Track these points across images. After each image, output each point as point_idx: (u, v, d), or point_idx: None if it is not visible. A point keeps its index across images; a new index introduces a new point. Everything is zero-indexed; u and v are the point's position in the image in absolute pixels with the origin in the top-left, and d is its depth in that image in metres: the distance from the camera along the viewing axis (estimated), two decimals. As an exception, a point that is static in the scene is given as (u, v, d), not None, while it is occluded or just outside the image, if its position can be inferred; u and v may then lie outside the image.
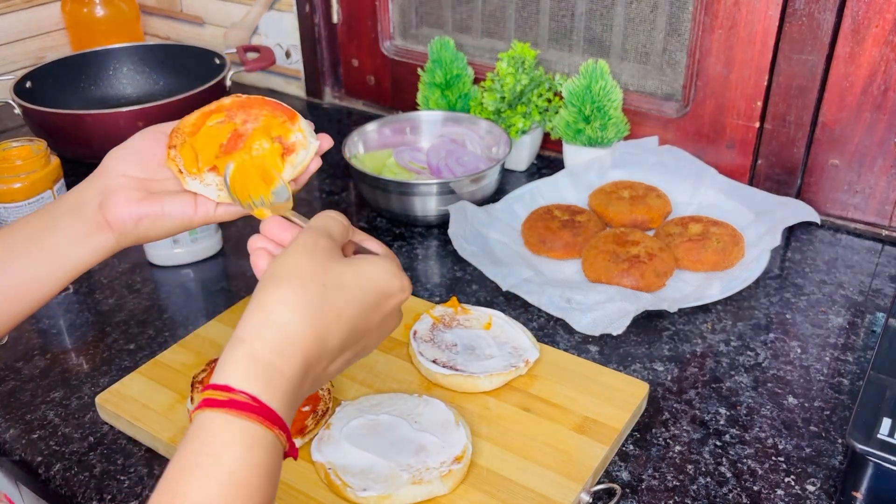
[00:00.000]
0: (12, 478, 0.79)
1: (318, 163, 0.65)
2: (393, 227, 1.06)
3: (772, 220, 0.96)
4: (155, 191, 0.62)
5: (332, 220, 0.55)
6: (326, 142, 0.65)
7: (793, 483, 0.67)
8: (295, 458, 0.48)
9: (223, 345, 0.80)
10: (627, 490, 0.66)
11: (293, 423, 0.68)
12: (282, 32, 1.44)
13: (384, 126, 1.17)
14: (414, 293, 0.91)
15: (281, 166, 0.63)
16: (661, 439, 0.71)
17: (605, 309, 0.84)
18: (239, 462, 0.43)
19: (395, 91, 1.37)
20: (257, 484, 0.43)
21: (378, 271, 0.53)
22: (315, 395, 0.72)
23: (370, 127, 1.16)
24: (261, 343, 0.46)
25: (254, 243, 0.56)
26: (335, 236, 0.54)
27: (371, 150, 1.15)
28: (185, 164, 0.62)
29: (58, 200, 0.63)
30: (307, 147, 0.64)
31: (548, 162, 1.22)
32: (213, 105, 0.66)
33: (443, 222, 1.04)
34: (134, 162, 0.63)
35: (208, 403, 0.44)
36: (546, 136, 1.20)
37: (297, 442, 0.67)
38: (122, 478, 0.69)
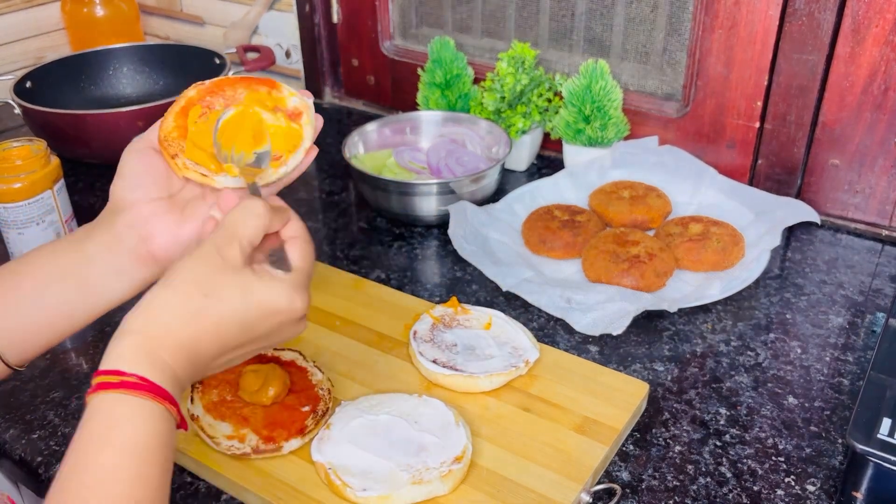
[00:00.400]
0: (12, 478, 0.79)
1: (320, 120, 0.67)
2: (393, 227, 1.06)
3: (772, 220, 0.96)
4: (181, 204, 0.63)
5: (247, 217, 0.55)
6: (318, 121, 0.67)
7: (793, 483, 0.67)
8: (185, 430, 0.52)
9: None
10: (627, 490, 0.66)
11: (293, 423, 0.68)
12: (282, 32, 1.44)
13: (384, 126, 1.17)
14: (414, 293, 0.91)
15: (299, 135, 0.62)
16: (661, 439, 0.71)
17: (605, 309, 0.84)
18: (139, 432, 0.48)
19: (395, 91, 1.37)
20: (158, 452, 0.48)
21: (267, 292, 0.54)
22: (315, 395, 0.72)
23: (370, 127, 1.16)
24: (144, 337, 0.50)
25: (210, 211, 0.59)
26: (245, 236, 0.54)
27: (371, 150, 1.15)
28: (204, 165, 0.61)
29: (85, 235, 0.62)
30: (309, 107, 0.64)
31: (548, 162, 1.22)
32: (182, 101, 0.64)
33: (443, 222, 1.04)
34: (146, 185, 0.63)
35: (102, 386, 0.48)
36: (546, 136, 1.20)
37: (297, 442, 0.67)
38: (121, 478, 0.68)
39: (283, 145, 0.64)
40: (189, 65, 1.40)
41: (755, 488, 0.66)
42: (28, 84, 1.28)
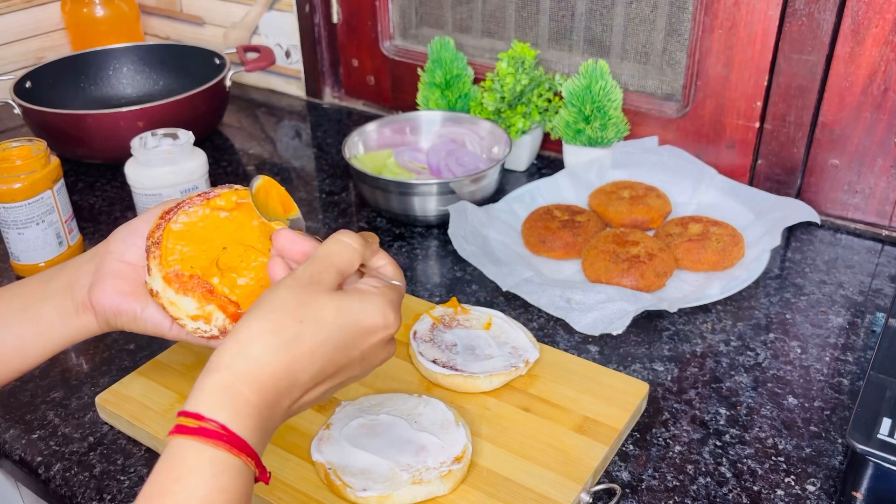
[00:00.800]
0: (12, 478, 0.79)
1: None
2: (393, 227, 1.06)
3: (772, 220, 0.96)
4: (143, 290, 0.63)
5: (341, 247, 0.55)
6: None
7: (793, 483, 0.67)
8: (266, 483, 0.49)
9: (223, 345, 0.80)
10: (627, 490, 0.66)
11: None
12: (282, 32, 1.44)
13: (384, 126, 1.17)
14: (414, 293, 0.91)
15: None
16: (661, 439, 0.71)
17: (605, 309, 0.84)
18: (207, 487, 0.45)
19: (395, 91, 1.37)
20: None
21: (361, 309, 0.53)
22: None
23: (370, 127, 1.16)
24: (231, 374, 0.48)
25: (272, 250, 0.58)
26: (340, 266, 0.54)
27: (371, 150, 1.15)
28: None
29: (57, 271, 0.64)
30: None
31: (548, 162, 1.22)
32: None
33: (443, 222, 1.04)
34: (135, 245, 0.64)
35: (180, 430, 0.46)
36: (546, 136, 1.20)
37: None
38: (122, 478, 0.69)
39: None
40: (189, 65, 1.40)
41: (755, 488, 0.66)
42: (28, 84, 1.28)
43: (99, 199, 1.16)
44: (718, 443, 0.71)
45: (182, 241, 0.62)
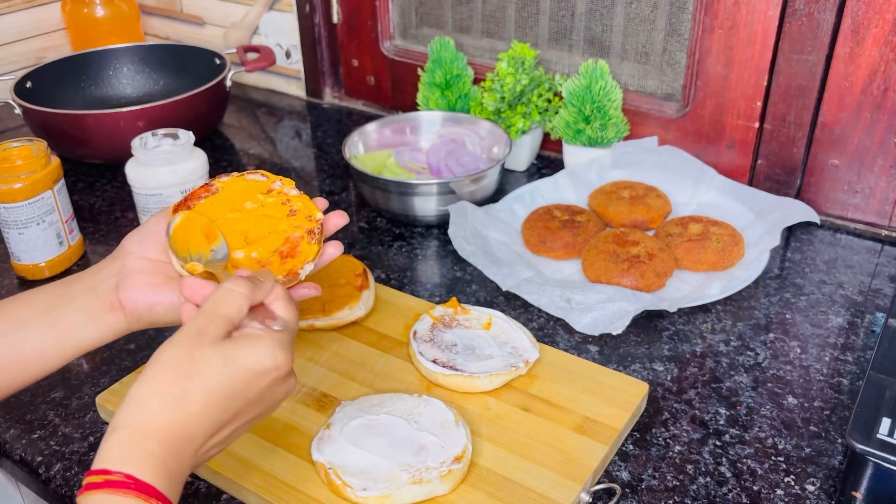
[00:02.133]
0: (13, 478, 0.79)
1: (343, 217, 0.67)
2: (393, 227, 1.06)
3: (771, 220, 0.96)
4: (172, 275, 0.63)
5: (226, 295, 0.55)
6: (341, 218, 0.67)
7: (793, 483, 0.67)
8: None
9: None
10: (627, 490, 0.66)
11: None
12: (282, 32, 1.44)
13: (384, 126, 1.17)
14: (414, 293, 0.91)
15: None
16: (660, 439, 0.71)
17: (605, 309, 0.84)
18: None
19: (395, 91, 1.37)
20: None
21: (248, 354, 0.53)
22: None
23: (370, 127, 1.16)
24: (132, 430, 0.50)
25: (181, 297, 0.60)
26: (227, 314, 0.54)
27: (371, 150, 1.15)
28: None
29: (76, 277, 0.65)
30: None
31: (548, 162, 1.22)
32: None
33: (443, 222, 1.04)
34: (151, 243, 0.64)
35: (89, 487, 0.48)
36: (546, 136, 1.20)
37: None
38: (122, 478, 0.69)
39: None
40: (189, 65, 1.40)
41: (755, 488, 0.66)
42: (28, 84, 1.28)
43: (99, 199, 1.16)
44: (718, 443, 0.71)
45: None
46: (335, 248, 0.65)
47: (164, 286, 0.63)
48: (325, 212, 0.67)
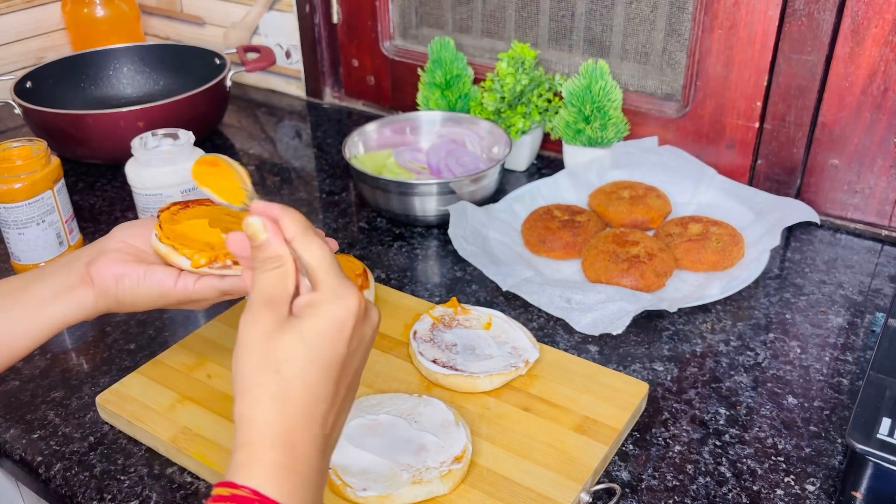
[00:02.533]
0: (12, 478, 0.79)
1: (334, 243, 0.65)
2: (393, 227, 1.06)
3: (771, 220, 0.96)
4: (147, 260, 0.64)
5: (267, 276, 0.53)
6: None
7: (792, 483, 0.67)
8: None
9: (223, 345, 0.81)
10: (627, 490, 0.66)
11: None
12: (282, 32, 1.44)
13: (384, 126, 1.17)
14: (414, 293, 0.91)
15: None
16: (660, 439, 0.71)
17: (605, 309, 0.84)
18: None
19: (395, 91, 1.37)
20: None
21: (319, 320, 0.51)
22: None
23: (370, 127, 1.16)
24: (253, 446, 0.49)
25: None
26: (275, 294, 0.52)
27: (371, 150, 1.15)
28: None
29: (54, 260, 0.65)
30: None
31: (548, 162, 1.22)
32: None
33: (443, 222, 1.04)
34: (137, 233, 0.66)
35: (216, 499, 0.47)
36: (546, 136, 1.20)
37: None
38: (122, 478, 0.69)
39: None
40: (189, 65, 1.40)
41: (755, 488, 0.66)
42: (28, 84, 1.28)
43: (99, 199, 1.16)
44: (718, 442, 0.71)
45: (194, 217, 0.66)
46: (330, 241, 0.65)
47: (134, 262, 0.63)
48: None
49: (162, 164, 0.96)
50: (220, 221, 0.66)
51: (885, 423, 0.61)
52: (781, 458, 0.69)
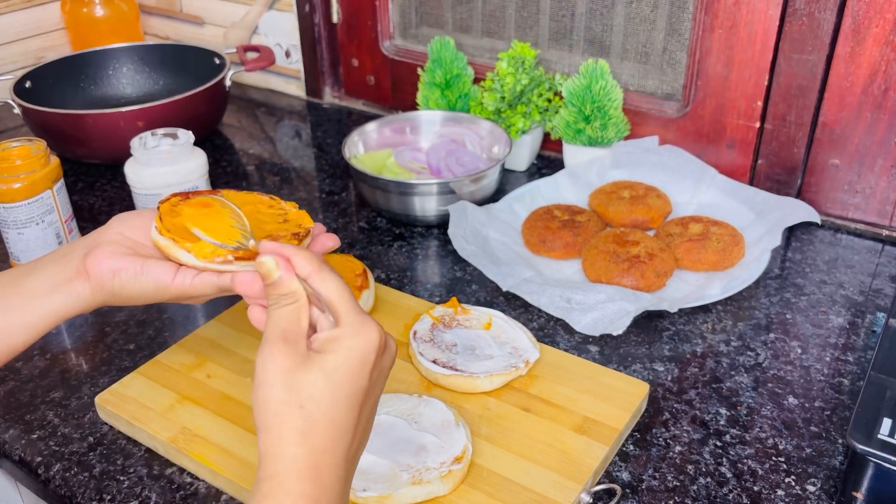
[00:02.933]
0: (12, 478, 0.79)
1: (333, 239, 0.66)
2: (393, 227, 1.06)
3: (772, 220, 0.96)
4: (143, 252, 0.64)
5: (282, 312, 0.53)
6: (331, 241, 0.66)
7: (793, 483, 0.67)
8: None
9: (223, 345, 0.80)
10: (627, 490, 0.66)
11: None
12: (282, 32, 1.44)
13: (384, 126, 1.17)
14: (414, 293, 0.91)
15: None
16: (661, 439, 0.71)
17: (606, 309, 0.84)
18: None
19: (395, 91, 1.37)
20: None
21: (342, 357, 0.52)
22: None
23: (370, 127, 1.16)
24: (278, 479, 0.49)
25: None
26: (291, 330, 0.53)
27: (371, 150, 1.15)
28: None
29: (53, 250, 0.65)
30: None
31: (548, 162, 1.22)
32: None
33: (443, 222, 1.04)
34: (135, 225, 0.65)
35: None
36: (546, 136, 1.20)
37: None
38: (121, 478, 0.69)
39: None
40: (189, 65, 1.40)
41: (755, 488, 0.66)
42: (28, 84, 1.28)
43: (99, 199, 1.16)
44: (719, 443, 0.71)
45: (194, 210, 0.65)
46: (331, 240, 0.64)
47: (132, 256, 0.62)
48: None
49: (161, 164, 0.96)
50: (221, 214, 0.66)
51: (886, 423, 0.61)
52: (782, 459, 0.69)
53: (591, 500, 0.65)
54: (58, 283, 0.62)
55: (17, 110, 1.21)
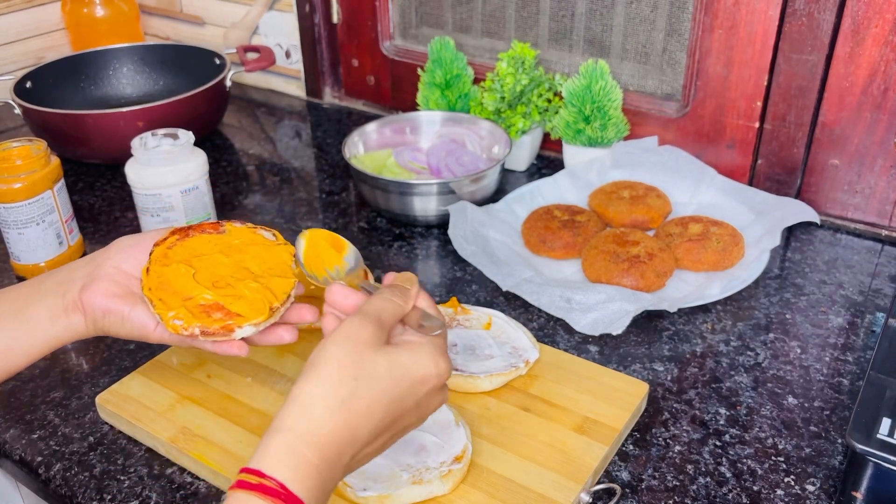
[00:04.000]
0: (12, 478, 0.79)
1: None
2: (393, 227, 1.06)
3: (772, 220, 0.96)
4: (136, 292, 0.65)
5: (385, 303, 0.56)
6: (311, 314, 0.67)
7: (793, 483, 0.67)
8: None
9: (223, 345, 0.80)
10: (627, 490, 0.66)
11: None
12: (282, 32, 1.44)
13: (384, 126, 1.17)
14: (414, 293, 0.91)
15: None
16: (660, 439, 0.71)
17: (605, 309, 0.84)
18: None
19: (395, 91, 1.37)
20: None
21: (413, 360, 0.54)
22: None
23: (370, 127, 1.16)
24: (294, 435, 0.50)
25: (325, 307, 0.60)
26: (385, 319, 0.55)
27: (371, 150, 1.15)
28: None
29: (49, 274, 0.66)
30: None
31: (548, 162, 1.22)
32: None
33: (443, 222, 1.04)
34: (132, 256, 0.67)
35: (241, 485, 0.48)
36: (546, 136, 1.20)
37: (250, 329, 0.64)
38: (122, 478, 0.69)
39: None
40: (189, 65, 1.40)
41: (755, 488, 0.66)
42: (28, 84, 1.28)
43: (99, 199, 1.16)
44: (718, 443, 0.71)
45: (185, 260, 0.66)
46: (287, 333, 0.66)
47: (123, 298, 0.64)
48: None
49: (162, 164, 0.96)
50: (210, 269, 0.66)
51: (886, 423, 0.61)
52: (782, 459, 0.69)
53: (590, 500, 0.65)
54: (57, 313, 0.64)
55: (17, 110, 1.21)
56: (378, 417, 0.52)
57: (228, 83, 1.30)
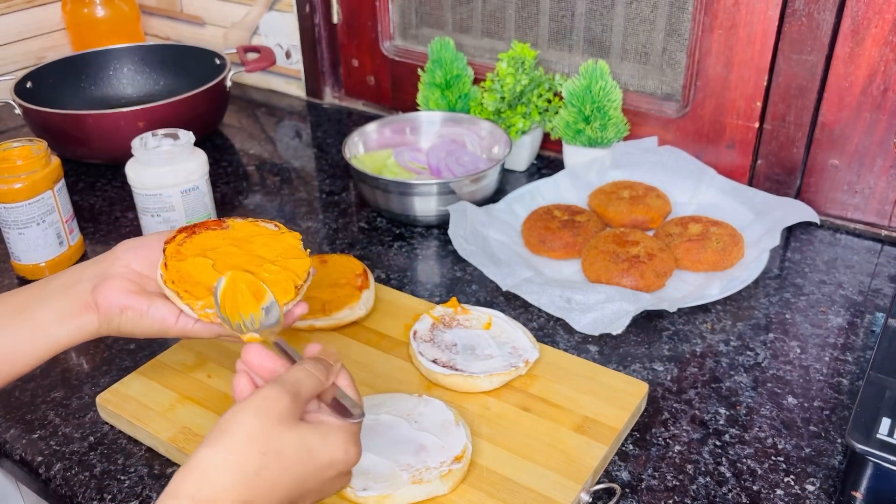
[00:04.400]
0: (13, 478, 0.79)
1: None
2: (393, 227, 1.07)
3: (771, 221, 0.96)
4: (150, 289, 0.65)
5: (306, 376, 0.55)
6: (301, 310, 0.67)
7: (792, 483, 0.67)
8: None
9: (223, 345, 0.80)
10: (627, 490, 0.66)
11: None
12: (282, 32, 1.44)
13: (384, 126, 1.17)
14: (414, 293, 0.91)
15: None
16: (660, 439, 0.71)
17: (605, 309, 0.84)
18: None
19: (395, 91, 1.37)
20: None
21: (324, 444, 0.53)
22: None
23: (370, 127, 1.16)
24: (193, 502, 0.48)
25: (238, 364, 0.58)
26: (303, 394, 0.54)
27: (371, 150, 1.15)
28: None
29: (54, 276, 0.66)
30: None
31: (548, 162, 1.22)
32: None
33: (443, 222, 1.04)
34: (141, 256, 0.66)
35: None
36: (546, 136, 1.21)
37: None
38: (122, 477, 0.69)
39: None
40: (189, 65, 1.40)
41: (755, 488, 0.66)
42: (29, 84, 1.28)
43: (99, 199, 1.16)
44: (718, 442, 0.71)
45: (200, 253, 0.66)
46: (299, 308, 0.66)
47: (140, 294, 0.64)
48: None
49: (162, 164, 0.96)
50: (226, 259, 0.66)
51: (885, 423, 0.61)
52: (781, 458, 0.69)
53: (590, 500, 0.65)
54: (66, 315, 0.63)
55: (17, 111, 1.21)
56: (278, 496, 0.51)
57: (229, 83, 1.30)
